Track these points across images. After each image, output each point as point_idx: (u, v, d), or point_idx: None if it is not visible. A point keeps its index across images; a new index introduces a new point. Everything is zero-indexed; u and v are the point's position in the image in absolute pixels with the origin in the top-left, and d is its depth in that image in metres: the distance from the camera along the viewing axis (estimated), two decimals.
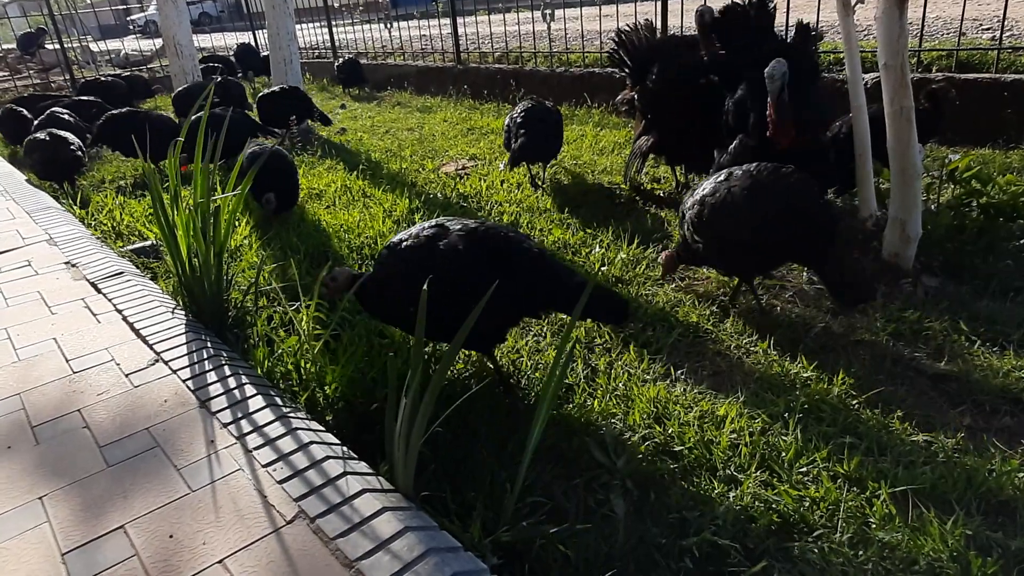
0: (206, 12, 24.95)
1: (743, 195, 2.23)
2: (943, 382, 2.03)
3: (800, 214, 2.20)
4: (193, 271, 2.42)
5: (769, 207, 2.21)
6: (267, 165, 3.27)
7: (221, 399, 1.90)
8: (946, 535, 1.48)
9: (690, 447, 1.81)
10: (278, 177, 3.53)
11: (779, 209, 2.21)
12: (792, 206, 2.20)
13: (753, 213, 2.22)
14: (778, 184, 2.23)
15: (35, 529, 1.48)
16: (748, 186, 2.24)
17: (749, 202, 2.22)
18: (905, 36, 2.41)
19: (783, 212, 2.20)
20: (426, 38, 8.91)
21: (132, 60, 11.81)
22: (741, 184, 2.26)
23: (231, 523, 1.45)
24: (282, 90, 5.54)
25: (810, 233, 2.20)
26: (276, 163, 3.46)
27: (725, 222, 2.28)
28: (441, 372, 1.47)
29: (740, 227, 2.25)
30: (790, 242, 2.23)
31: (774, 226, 2.21)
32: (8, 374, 2.11)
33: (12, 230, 3.48)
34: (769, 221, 2.21)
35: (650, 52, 3.65)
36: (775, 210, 2.21)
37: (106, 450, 1.72)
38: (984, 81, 3.94)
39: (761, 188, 2.23)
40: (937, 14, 6.37)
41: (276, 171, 3.46)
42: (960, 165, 2.86)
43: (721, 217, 2.28)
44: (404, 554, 1.34)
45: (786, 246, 2.26)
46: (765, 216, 2.21)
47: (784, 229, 2.20)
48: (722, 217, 2.28)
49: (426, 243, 1.94)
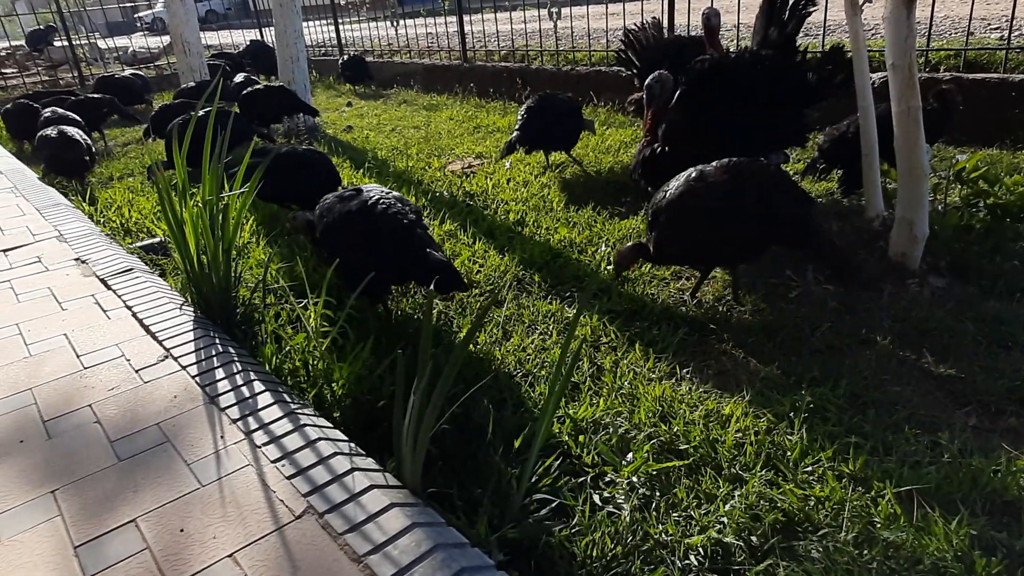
0: (213, 9, 25.02)
1: (711, 186, 2.38)
2: (949, 383, 2.03)
3: (765, 197, 2.32)
4: (201, 268, 2.44)
5: (736, 195, 2.33)
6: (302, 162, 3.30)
7: (230, 395, 1.92)
8: (951, 535, 1.48)
9: (695, 446, 1.82)
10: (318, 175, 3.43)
11: (746, 194, 2.33)
12: (759, 190, 2.33)
13: (721, 200, 2.35)
14: (744, 172, 2.38)
15: (47, 522, 1.50)
16: (716, 176, 2.39)
17: (717, 192, 2.36)
18: (913, 36, 2.41)
19: (751, 196, 2.33)
20: (432, 36, 8.92)
21: (139, 57, 11.85)
22: (710, 176, 2.40)
23: (240, 517, 1.47)
24: (266, 87, 5.55)
25: (781, 215, 2.32)
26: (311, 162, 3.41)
27: (696, 214, 2.38)
28: (449, 372, 1.48)
29: (711, 214, 2.36)
30: (762, 225, 2.34)
31: (743, 211, 2.32)
32: (19, 369, 2.14)
33: (23, 226, 3.51)
34: (737, 208, 2.32)
35: (658, 52, 3.65)
36: (743, 196, 2.33)
37: (117, 445, 1.74)
38: (992, 81, 3.93)
39: (729, 177, 2.37)
40: (945, 14, 6.35)
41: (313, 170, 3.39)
42: (967, 165, 2.86)
43: (692, 209, 2.38)
44: (412, 549, 1.35)
45: (759, 230, 2.35)
46: (734, 203, 2.33)
47: (752, 213, 2.32)
48: (693, 209, 2.38)
49: (338, 204, 2.43)
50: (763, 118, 3.03)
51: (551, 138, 4.05)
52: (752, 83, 2.99)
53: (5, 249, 3.19)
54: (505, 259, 3.03)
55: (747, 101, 2.99)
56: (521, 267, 2.95)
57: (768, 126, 3.07)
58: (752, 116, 3.01)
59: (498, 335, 2.42)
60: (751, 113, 3.01)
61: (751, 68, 3.02)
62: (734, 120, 2.97)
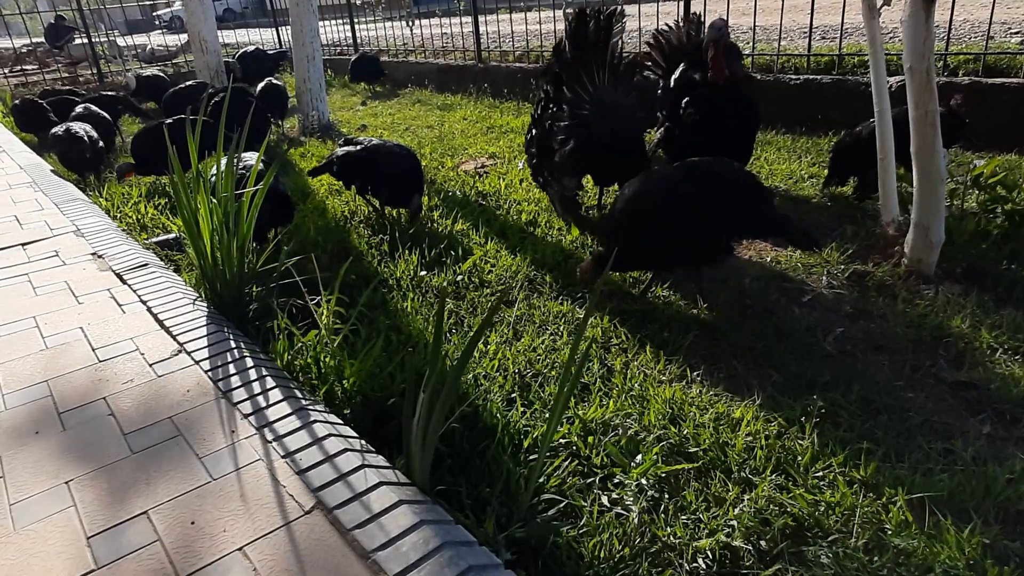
0: (230, 8, 25.21)
1: (664, 186, 2.47)
2: (963, 390, 2.01)
3: (720, 195, 2.37)
4: (215, 263, 2.46)
5: (689, 195, 2.40)
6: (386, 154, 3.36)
7: (242, 390, 1.94)
8: (963, 543, 1.47)
9: (705, 448, 1.81)
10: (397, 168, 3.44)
11: (701, 193, 2.39)
12: (713, 188, 2.39)
13: (672, 201, 2.42)
14: (698, 170, 2.46)
15: (61, 513, 1.52)
16: (669, 178, 2.49)
17: (672, 191, 2.44)
18: (931, 39, 2.39)
19: (706, 195, 2.38)
20: (447, 36, 8.94)
21: (157, 55, 11.97)
22: (663, 176, 2.50)
23: (250, 512, 1.48)
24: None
25: (738, 213, 2.34)
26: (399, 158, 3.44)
27: (650, 216, 2.44)
28: (458, 369, 1.48)
29: (661, 216, 2.42)
30: (718, 224, 2.36)
31: (696, 211, 2.37)
32: (36, 361, 2.16)
33: (41, 221, 3.56)
34: (691, 208, 2.38)
35: (683, 55, 3.62)
36: (696, 196, 2.39)
37: (130, 437, 1.76)
38: (1012, 86, 3.88)
39: (682, 177, 2.46)
40: (964, 17, 6.28)
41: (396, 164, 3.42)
42: (985, 171, 2.83)
43: (647, 211, 2.45)
44: (419, 547, 1.36)
45: (715, 229, 2.38)
46: (686, 203, 2.39)
47: (706, 212, 2.36)
48: (648, 211, 2.45)
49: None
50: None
51: None
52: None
53: (24, 243, 3.24)
54: (517, 259, 3.03)
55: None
56: (533, 267, 2.95)
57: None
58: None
59: (509, 335, 2.43)
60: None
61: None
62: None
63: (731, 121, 3.17)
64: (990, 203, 2.83)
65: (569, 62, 3.15)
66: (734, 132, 3.20)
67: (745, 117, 3.24)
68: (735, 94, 3.19)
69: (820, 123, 4.55)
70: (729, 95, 3.17)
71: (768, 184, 3.72)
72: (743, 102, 3.21)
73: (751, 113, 3.27)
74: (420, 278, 2.90)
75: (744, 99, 3.22)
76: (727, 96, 3.17)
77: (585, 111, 3.10)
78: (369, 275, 2.92)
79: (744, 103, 3.22)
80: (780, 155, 4.17)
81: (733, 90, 3.18)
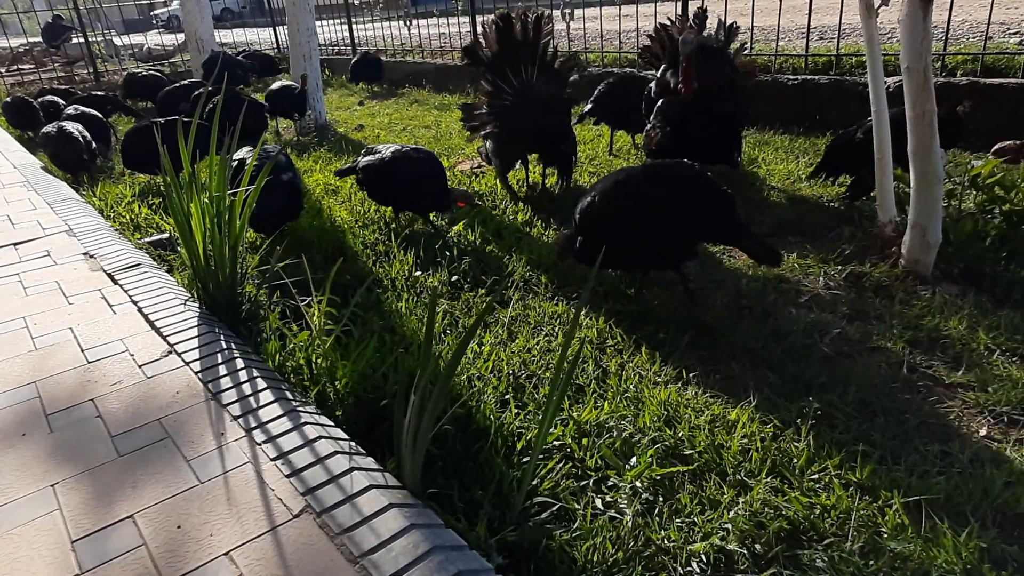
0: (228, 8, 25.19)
1: (623, 187, 2.47)
2: (960, 391, 2.00)
3: (684, 198, 2.38)
4: (208, 264, 2.44)
5: (652, 198, 2.41)
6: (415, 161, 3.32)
7: (232, 392, 1.91)
8: (960, 547, 1.45)
9: (700, 451, 1.79)
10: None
11: (666, 196, 2.40)
12: (676, 191, 2.40)
13: (634, 203, 2.43)
14: (662, 174, 2.48)
15: (46, 516, 1.50)
16: (630, 178, 2.49)
17: (632, 192, 2.45)
18: (929, 39, 2.37)
19: (670, 198, 2.40)
20: (445, 36, 8.92)
21: (154, 55, 11.94)
22: (625, 176, 2.50)
23: (238, 515, 1.46)
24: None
25: (701, 216, 2.37)
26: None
27: (611, 220, 2.45)
28: (450, 369, 1.46)
29: (625, 217, 2.44)
30: (680, 228, 2.39)
31: (661, 213, 2.39)
32: (24, 362, 2.14)
33: (33, 220, 3.53)
34: (655, 210, 2.39)
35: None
36: (661, 199, 2.40)
37: (118, 440, 1.74)
38: (1010, 86, 3.87)
39: (642, 179, 2.47)
40: (963, 17, 6.27)
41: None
42: (983, 171, 2.81)
43: (611, 212, 2.46)
44: (409, 551, 1.34)
45: (676, 233, 2.41)
46: (649, 205, 2.40)
47: (669, 215, 2.38)
48: (612, 212, 2.46)
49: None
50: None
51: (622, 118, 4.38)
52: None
53: (15, 243, 3.21)
54: (512, 259, 3.01)
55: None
56: (528, 268, 2.93)
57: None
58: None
59: (503, 336, 2.41)
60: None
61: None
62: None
63: (704, 132, 3.28)
64: (988, 204, 2.81)
65: (491, 60, 3.62)
66: (709, 141, 3.33)
67: (719, 126, 3.36)
68: (706, 106, 3.30)
69: (818, 123, 4.54)
70: (700, 107, 3.29)
71: (766, 184, 3.71)
72: (713, 114, 3.32)
73: (725, 122, 3.38)
74: (415, 278, 2.88)
75: (715, 112, 3.32)
76: (698, 108, 3.30)
77: (507, 102, 3.51)
78: (364, 275, 2.90)
79: (715, 115, 3.32)
80: (778, 155, 4.15)
81: (705, 101, 3.29)
